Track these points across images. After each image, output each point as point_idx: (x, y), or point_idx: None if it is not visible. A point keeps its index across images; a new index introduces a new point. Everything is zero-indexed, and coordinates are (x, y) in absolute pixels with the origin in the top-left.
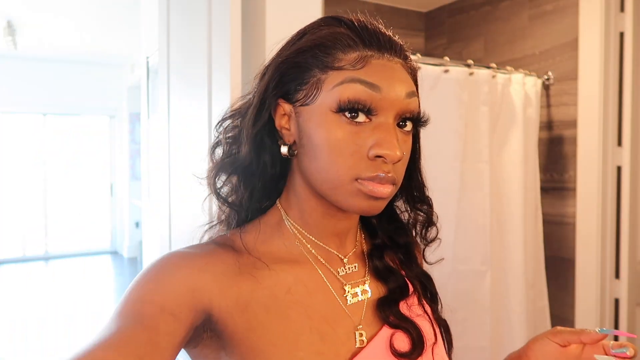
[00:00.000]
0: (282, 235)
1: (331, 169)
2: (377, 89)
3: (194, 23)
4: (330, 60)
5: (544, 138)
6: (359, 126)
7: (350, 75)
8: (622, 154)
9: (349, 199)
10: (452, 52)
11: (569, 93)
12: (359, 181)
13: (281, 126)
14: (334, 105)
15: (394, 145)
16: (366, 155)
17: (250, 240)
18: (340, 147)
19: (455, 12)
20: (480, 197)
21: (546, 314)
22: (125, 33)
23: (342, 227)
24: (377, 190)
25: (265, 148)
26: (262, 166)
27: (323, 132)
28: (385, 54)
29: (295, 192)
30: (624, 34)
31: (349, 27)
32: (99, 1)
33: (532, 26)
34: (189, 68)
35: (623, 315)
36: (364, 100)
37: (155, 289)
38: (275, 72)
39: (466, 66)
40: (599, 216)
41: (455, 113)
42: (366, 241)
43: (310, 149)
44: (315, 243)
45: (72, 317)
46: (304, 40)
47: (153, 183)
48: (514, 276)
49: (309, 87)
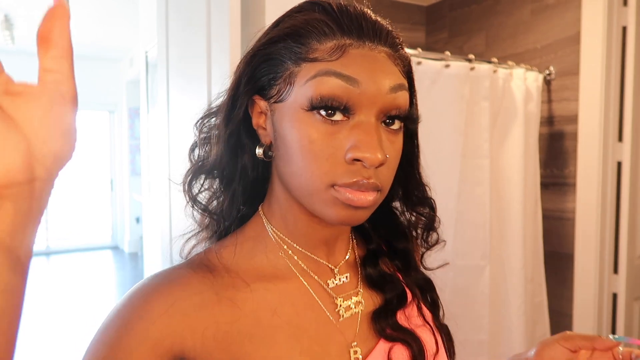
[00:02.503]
0: (266, 247)
1: (305, 174)
2: (354, 82)
3: (193, 17)
4: (303, 51)
5: (545, 133)
6: (335, 126)
7: (324, 67)
8: (623, 149)
9: (325, 208)
10: (453, 46)
11: (570, 88)
12: (336, 188)
13: (258, 125)
14: (306, 103)
15: (374, 146)
16: (343, 159)
17: (228, 257)
18: (314, 150)
19: (456, 6)
20: (480, 192)
21: (544, 308)
22: (123, 27)
23: (331, 234)
24: (356, 198)
25: (244, 149)
26: (241, 169)
27: (296, 133)
28: (366, 42)
29: (277, 198)
30: (626, 28)
31: (326, 12)
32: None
33: (534, 20)
34: (189, 62)
35: (621, 310)
36: (340, 96)
37: (110, 357)
38: (247, 66)
39: (467, 61)
40: (598, 211)
41: (456, 108)
42: (360, 246)
43: (284, 151)
44: (302, 253)
45: (73, 311)
46: (277, 29)
47: (153, 178)
48: (513, 271)
49: (281, 81)
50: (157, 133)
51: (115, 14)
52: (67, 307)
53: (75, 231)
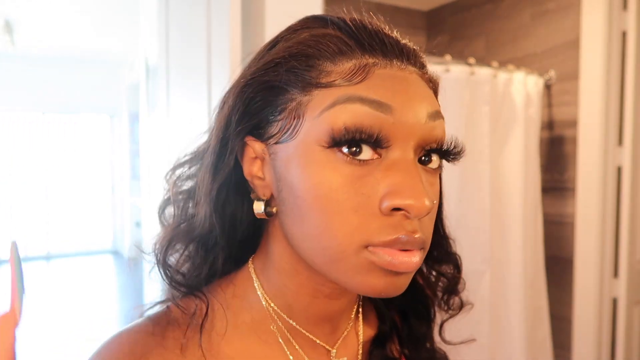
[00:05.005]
0: (252, 317)
1: (326, 233)
2: (386, 109)
3: (193, 22)
4: (314, 75)
5: (545, 138)
6: (364, 167)
7: (345, 92)
8: (623, 153)
9: (357, 276)
10: (454, 50)
11: (570, 92)
12: (371, 249)
13: (252, 175)
14: (325, 138)
15: (420, 190)
16: (378, 210)
17: (201, 333)
18: (338, 200)
19: (456, 11)
20: (481, 197)
21: (545, 312)
22: (123, 31)
23: (339, 308)
24: (399, 261)
25: (231, 205)
26: (229, 231)
27: (310, 179)
28: (394, 61)
29: (276, 262)
30: (626, 32)
31: (338, 27)
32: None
33: (534, 25)
34: (189, 67)
35: (621, 315)
36: (370, 127)
37: None
38: (238, 99)
39: (467, 65)
40: (598, 216)
41: (456, 112)
42: (369, 322)
43: (294, 205)
44: (297, 331)
45: (73, 316)
46: (276, 49)
47: (153, 182)
48: (514, 275)
49: (286, 115)
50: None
51: (115, 18)
52: (67, 311)
53: (76, 235)
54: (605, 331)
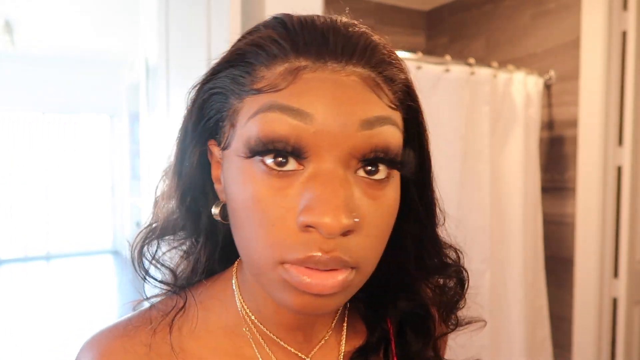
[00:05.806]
0: (228, 318)
1: (250, 245)
2: (306, 117)
3: (193, 22)
4: (248, 81)
5: (545, 138)
6: (285, 178)
7: (269, 100)
8: (623, 153)
9: (275, 291)
10: (454, 51)
11: (570, 92)
12: (286, 266)
13: (216, 178)
14: (243, 148)
15: (335, 206)
16: (296, 225)
17: (181, 333)
18: (259, 213)
19: (456, 11)
20: (481, 197)
21: (545, 312)
22: (123, 31)
23: (306, 320)
24: (313, 281)
25: (197, 205)
26: (207, 232)
27: (238, 190)
28: (328, 63)
29: (243, 270)
30: (626, 32)
31: (284, 27)
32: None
33: (534, 25)
34: (189, 67)
35: (621, 314)
36: (285, 137)
37: None
38: (193, 104)
39: (467, 65)
40: (598, 216)
41: (456, 113)
42: (357, 331)
43: (232, 213)
44: (269, 337)
45: (73, 316)
46: (224, 54)
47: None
48: (514, 275)
49: (226, 123)
50: (157, 137)
51: (115, 18)
52: (67, 311)
53: (76, 235)
54: (605, 331)
